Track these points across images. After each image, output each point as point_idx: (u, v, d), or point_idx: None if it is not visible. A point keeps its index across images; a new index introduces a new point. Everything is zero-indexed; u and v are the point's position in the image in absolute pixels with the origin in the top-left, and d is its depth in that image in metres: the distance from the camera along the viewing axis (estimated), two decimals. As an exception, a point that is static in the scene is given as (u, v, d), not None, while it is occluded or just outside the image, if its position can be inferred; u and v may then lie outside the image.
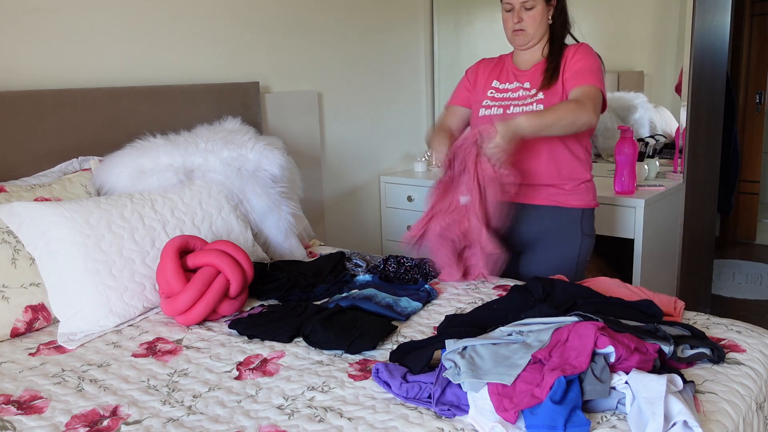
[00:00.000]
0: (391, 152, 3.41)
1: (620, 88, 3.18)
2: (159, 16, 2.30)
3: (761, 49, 4.67)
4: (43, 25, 2.00)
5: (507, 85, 1.99)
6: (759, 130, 4.74)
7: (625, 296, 1.63)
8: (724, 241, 4.77)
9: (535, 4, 1.89)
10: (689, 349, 1.33)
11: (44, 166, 1.96)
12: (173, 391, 1.32)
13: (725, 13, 3.05)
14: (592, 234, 2.05)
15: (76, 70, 2.10)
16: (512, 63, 2.03)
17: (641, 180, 2.79)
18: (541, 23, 1.92)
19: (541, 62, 1.96)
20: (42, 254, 1.65)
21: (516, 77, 1.98)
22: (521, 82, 1.97)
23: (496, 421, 1.11)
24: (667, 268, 2.87)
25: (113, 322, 1.64)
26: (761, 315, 3.46)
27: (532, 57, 1.99)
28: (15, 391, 1.33)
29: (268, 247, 2.17)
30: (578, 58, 1.90)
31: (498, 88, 2.00)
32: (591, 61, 1.90)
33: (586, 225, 2.01)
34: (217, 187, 2.02)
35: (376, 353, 1.47)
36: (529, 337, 1.28)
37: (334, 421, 1.18)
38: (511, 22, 1.91)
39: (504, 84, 1.99)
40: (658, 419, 1.05)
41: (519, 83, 1.97)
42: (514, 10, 1.90)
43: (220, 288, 1.65)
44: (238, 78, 2.58)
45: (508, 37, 1.97)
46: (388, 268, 2.00)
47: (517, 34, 1.93)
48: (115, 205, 1.77)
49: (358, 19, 3.10)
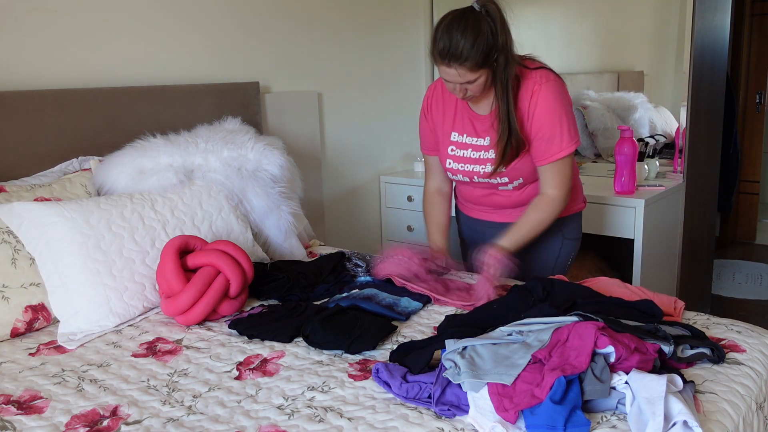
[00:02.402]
0: (391, 152, 3.41)
1: (620, 88, 3.18)
2: (159, 17, 2.30)
3: (761, 49, 4.67)
4: (43, 25, 2.00)
5: (466, 138, 1.83)
6: (759, 130, 4.74)
7: (625, 296, 1.63)
8: (724, 241, 4.77)
9: (477, 77, 1.64)
10: (689, 349, 1.33)
11: (44, 166, 1.96)
12: (173, 391, 1.32)
13: (725, 13, 3.05)
14: (576, 238, 2.02)
15: (76, 70, 2.10)
16: (467, 106, 1.84)
17: (641, 180, 2.79)
18: (487, 83, 1.69)
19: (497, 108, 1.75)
20: (42, 254, 1.65)
21: (474, 127, 1.83)
22: (480, 134, 1.81)
23: (496, 421, 1.11)
24: (667, 268, 2.87)
25: (113, 322, 1.64)
26: (761, 315, 3.46)
27: (487, 99, 1.80)
28: (15, 391, 1.33)
29: (268, 247, 2.17)
30: (541, 116, 1.73)
31: (457, 142, 1.85)
32: (553, 117, 1.73)
33: (567, 230, 1.98)
34: (217, 187, 2.02)
35: (376, 353, 1.47)
36: (529, 336, 1.28)
37: (334, 421, 1.18)
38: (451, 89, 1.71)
39: (462, 136, 1.84)
40: (658, 419, 1.05)
41: (479, 138, 1.82)
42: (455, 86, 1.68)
43: (220, 288, 1.65)
44: (238, 78, 2.58)
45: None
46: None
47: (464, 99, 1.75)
48: (115, 205, 1.77)
49: (358, 19, 3.10)
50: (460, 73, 1.63)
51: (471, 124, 1.84)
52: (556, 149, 1.76)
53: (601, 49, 3.26)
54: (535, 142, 1.77)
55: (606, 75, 3.21)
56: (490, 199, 1.95)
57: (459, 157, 1.86)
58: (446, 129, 1.88)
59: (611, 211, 2.61)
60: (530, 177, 1.85)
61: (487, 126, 1.81)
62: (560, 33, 3.29)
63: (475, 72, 1.63)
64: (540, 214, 1.80)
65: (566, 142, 1.76)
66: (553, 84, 1.75)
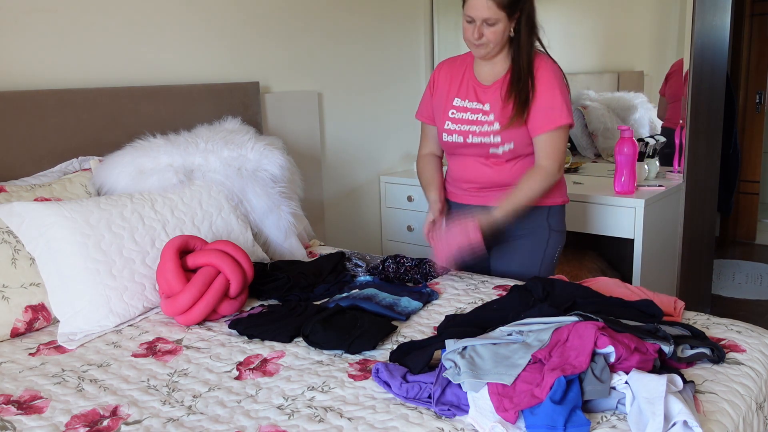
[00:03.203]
0: (391, 152, 3.41)
1: (620, 88, 3.18)
2: (159, 17, 2.30)
3: (761, 49, 4.67)
4: (43, 25, 2.00)
5: (467, 103, 1.94)
6: (759, 130, 4.74)
7: (625, 296, 1.63)
8: (724, 241, 4.77)
9: (498, 20, 1.78)
10: (689, 349, 1.33)
11: (44, 166, 1.96)
12: (173, 391, 1.32)
13: (725, 13, 3.05)
14: (562, 230, 2.06)
15: (76, 70, 2.10)
16: (473, 74, 1.97)
17: (641, 180, 2.79)
18: (503, 37, 1.83)
19: (503, 78, 1.90)
20: (42, 254, 1.65)
21: (476, 95, 1.94)
22: (482, 101, 1.92)
23: (496, 421, 1.11)
24: (667, 268, 2.87)
25: (113, 322, 1.64)
26: (761, 315, 3.46)
27: (493, 70, 1.93)
28: (15, 391, 1.33)
29: (268, 247, 2.17)
30: (541, 89, 1.86)
31: (458, 107, 1.96)
32: (555, 91, 1.86)
33: (553, 221, 2.02)
34: (217, 187, 2.02)
35: (376, 353, 1.47)
36: (529, 336, 1.29)
37: (334, 421, 1.18)
38: (470, 33, 1.82)
39: (464, 101, 1.95)
40: (658, 419, 1.05)
41: (479, 104, 1.92)
42: (474, 24, 1.81)
43: (220, 288, 1.65)
44: (238, 78, 2.58)
45: (467, 44, 1.90)
46: (388, 268, 2.00)
47: (476, 47, 1.86)
48: (115, 205, 1.77)
49: (358, 19, 3.10)
50: (488, 6, 1.76)
51: (474, 92, 1.95)
52: (554, 117, 1.85)
53: (601, 49, 3.26)
54: (533, 112, 1.86)
55: (606, 75, 3.21)
56: (479, 172, 1.98)
57: (457, 119, 1.96)
58: (450, 95, 1.99)
59: (611, 211, 2.61)
60: (521, 147, 1.91)
61: (489, 94, 1.92)
62: (560, 33, 3.28)
63: (499, 10, 1.77)
64: (532, 183, 1.88)
65: (564, 113, 1.86)
66: (553, 65, 1.90)
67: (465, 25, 1.84)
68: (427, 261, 2.05)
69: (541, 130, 1.87)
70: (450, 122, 1.97)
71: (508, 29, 1.83)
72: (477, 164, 1.98)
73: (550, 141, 1.87)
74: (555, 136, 1.87)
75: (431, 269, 2.00)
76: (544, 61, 1.89)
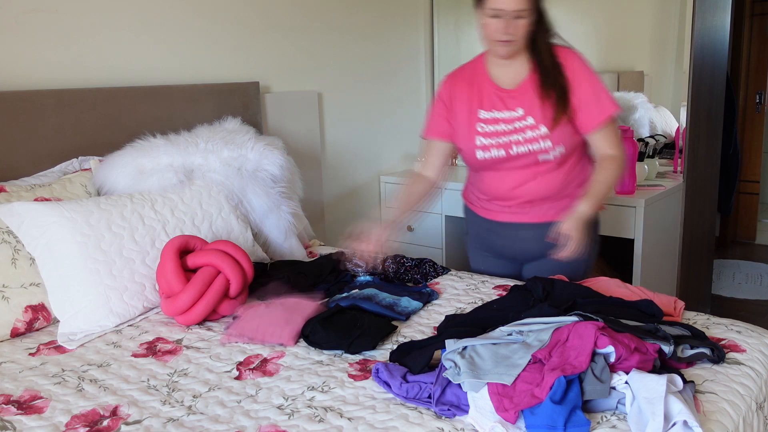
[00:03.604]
0: (391, 152, 3.41)
1: (620, 88, 3.18)
2: (159, 17, 2.30)
3: (761, 49, 4.67)
4: (43, 25, 2.00)
5: (495, 113, 1.79)
6: (759, 130, 4.73)
7: (625, 296, 1.63)
8: (724, 241, 4.76)
9: (527, 12, 1.68)
10: (689, 349, 1.33)
11: (44, 166, 1.96)
12: (173, 391, 1.32)
13: (725, 13, 3.05)
14: (598, 240, 1.99)
15: (76, 70, 2.10)
16: (490, 80, 1.82)
17: (641, 180, 2.79)
18: (528, 31, 1.73)
19: (528, 78, 1.78)
20: (42, 254, 1.65)
21: (503, 101, 1.79)
22: (511, 108, 1.78)
23: (496, 421, 1.11)
24: (667, 268, 2.87)
25: (113, 322, 1.64)
26: (761, 315, 3.46)
27: (513, 73, 1.80)
28: (15, 391, 1.33)
29: (268, 247, 2.17)
30: (580, 83, 1.76)
31: (487, 119, 1.80)
32: (594, 81, 1.77)
33: (592, 233, 1.90)
34: (217, 187, 2.02)
35: (376, 353, 1.47)
36: (529, 336, 1.29)
37: (334, 421, 1.18)
38: (497, 30, 1.69)
39: (491, 112, 1.80)
40: (658, 419, 1.05)
41: (509, 110, 1.78)
42: (502, 18, 1.67)
43: (220, 288, 1.65)
44: (238, 78, 2.58)
45: (488, 44, 1.77)
46: (388, 268, 2.00)
47: (503, 44, 1.72)
48: (115, 205, 1.77)
49: (358, 19, 3.10)
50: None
51: (499, 100, 1.80)
52: (602, 108, 1.75)
53: (601, 49, 3.26)
54: (582, 108, 1.76)
55: (606, 75, 3.21)
56: (524, 188, 1.84)
57: (490, 132, 1.80)
58: (473, 109, 1.83)
59: (611, 211, 2.61)
60: (571, 147, 1.79)
61: (519, 98, 1.78)
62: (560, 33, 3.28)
63: (528, 2, 1.66)
64: (608, 172, 1.75)
65: (611, 101, 1.77)
66: (579, 54, 1.80)
67: (488, 22, 1.69)
68: (427, 261, 2.05)
69: (594, 125, 1.76)
70: (481, 137, 1.80)
71: (533, 22, 1.72)
72: (523, 177, 1.82)
73: (607, 133, 1.77)
74: (609, 127, 1.77)
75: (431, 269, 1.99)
76: (567, 51, 1.79)
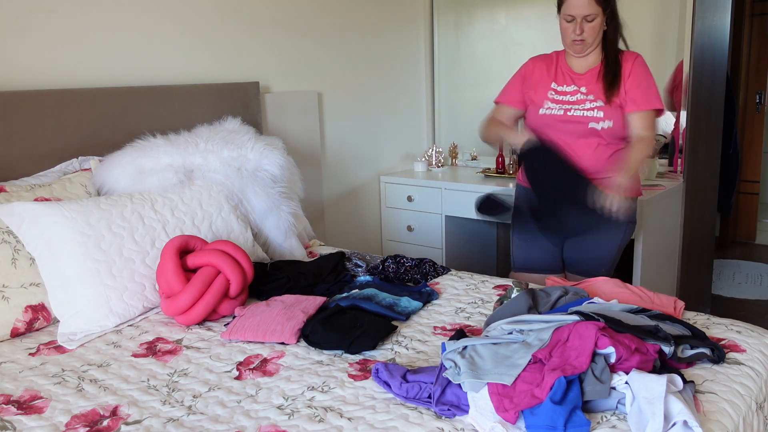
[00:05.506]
0: (391, 152, 3.41)
1: (620, 88, 3.17)
2: (159, 17, 2.30)
3: (761, 49, 4.66)
4: (43, 25, 2.00)
5: (565, 87, 2.10)
6: (759, 130, 4.73)
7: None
8: (724, 241, 4.76)
9: (596, 15, 1.97)
10: (689, 349, 1.33)
11: (44, 166, 1.96)
12: (173, 391, 1.32)
13: (725, 13, 3.05)
14: (635, 220, 2.17)
15: (76, 70, 2.10)
16: (567, 65, 2.13)
17: (641, 180, 2.78)
18: (599, 32, 2.02)
19: (597, 67, 2.06)
20: (42, 254, 1.65)
21: (573, 80, 2.09)
22: (578, 85, 2.08)
23: (496, 421, 1.11)
24: (667, 268, 2.87)
25: (113, 322, 1.64)
26: (761, 315, 3.46)
27: (586, 61, 2.09)
28: (15, 391, 1.33)
29: (268, 247, 2.17)
30: (637, 74, 2.02)
31: (557, 90, 2.10)
32: (649, 78, 2.03)
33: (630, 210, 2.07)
34: (217, 187, 2.02)
35: (376, 353, 1.47)
36: (529, 336, 1.28)
37: (334, 421, 1.18)
38: (572, 32, 2.00)
39: (562, 86, 2.10)
40: (658, 419, 1.05)
41: (576, 87, 2.08)
42: (575, 21, 1.98)
43: (220, 288, 1.65)
44: (238, 78, 2.58)
45: (565, 44, 2.07)
46: (388, 268, 2.00)
47: (577, 44, 2.02)
48: (115, 205, 1.77)
49: (358, 19, 3.10)
50: (588, 2, 1.95)
51: (570, 78, 2.11)
52: (650, 97, 2.02)
53: (601, 49, 3.25)
54: (633, 90, 2.02)
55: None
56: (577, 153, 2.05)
57: (557, 99, 2.10)
58: (548, 81, 2.14)
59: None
60: (618, 126, 2.03)
61: (585, 80, 2.08)
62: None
63: (597, 5, 1.96)
64: (639, 150, 2.01)
65: (659, 99, 2.04)
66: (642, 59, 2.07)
67: (564, 26, 2.02)
68: (427, 261, 2.05)
69: (638, 107, 2.00)
70: (550, 102, 2.10)
71: (602, 24, 2.01)
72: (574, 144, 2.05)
73: (646, 117, 2.02)
74: (651, 114, 2.02)
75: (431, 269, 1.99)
76: (634, 54, 2.07)
